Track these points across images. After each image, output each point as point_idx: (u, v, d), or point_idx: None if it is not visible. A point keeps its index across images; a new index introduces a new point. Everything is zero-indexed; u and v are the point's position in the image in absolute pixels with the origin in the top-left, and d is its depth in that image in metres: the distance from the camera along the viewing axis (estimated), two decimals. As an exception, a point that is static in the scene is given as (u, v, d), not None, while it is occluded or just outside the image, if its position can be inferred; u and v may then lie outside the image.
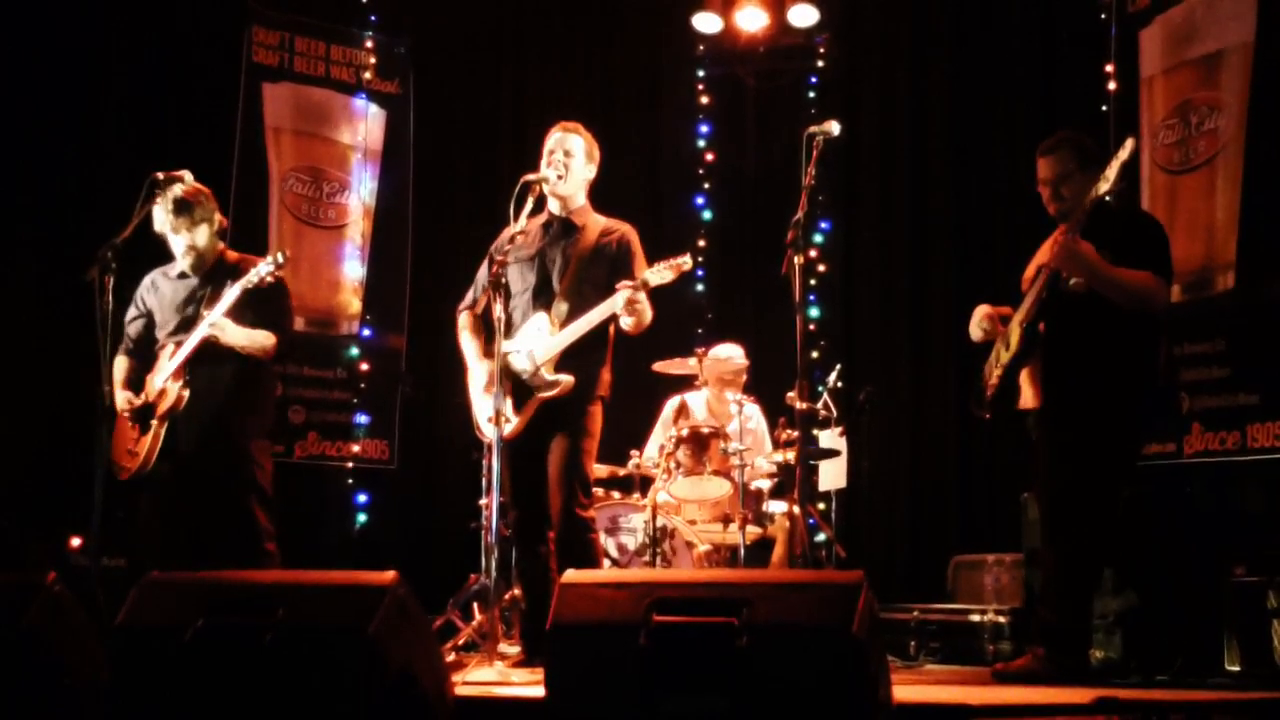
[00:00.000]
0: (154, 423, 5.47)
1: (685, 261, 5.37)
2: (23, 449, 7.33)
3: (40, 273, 7.51)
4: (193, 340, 5.44)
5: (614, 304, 5.23)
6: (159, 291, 5.73)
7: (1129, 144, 4.93)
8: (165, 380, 5.47)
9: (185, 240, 5.60)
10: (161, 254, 5.74)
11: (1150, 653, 5.42)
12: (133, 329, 5.74)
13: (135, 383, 5.62)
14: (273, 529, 5.55)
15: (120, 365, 5.68)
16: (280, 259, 5.49)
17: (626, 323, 5.32)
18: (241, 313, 5.48)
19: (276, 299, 5.63)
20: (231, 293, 5.43)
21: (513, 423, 5.27)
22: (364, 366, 8.92)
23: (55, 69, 7.79)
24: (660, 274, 5.33)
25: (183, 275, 5.68)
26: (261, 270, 5.44)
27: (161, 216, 5.56)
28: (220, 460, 5.50)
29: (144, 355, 5.69)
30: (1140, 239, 5.07)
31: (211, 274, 5.63)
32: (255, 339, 5.52)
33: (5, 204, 7.58)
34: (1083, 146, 5.29)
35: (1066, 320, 5.07)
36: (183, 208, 5.55)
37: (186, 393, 5.45)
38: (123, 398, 5.56)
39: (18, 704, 3.66)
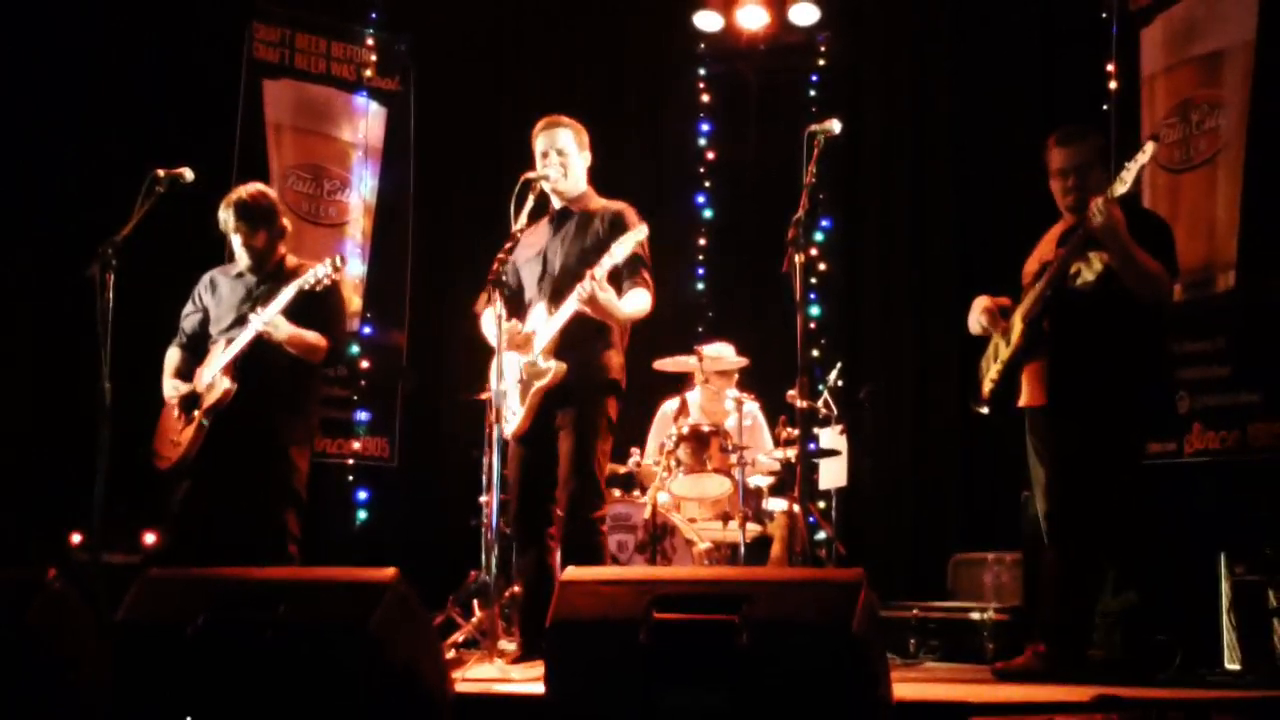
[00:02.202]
0: (198, 414, 5.49)
1: (640, 230, 5.21)
2: (24, 445, 7.32)
3: (41, 269, 7.50)
4: (245, 336, 5.47)
5: (574, 300, 5.12)
6: (217, 290, 5.78)
7: (1149, 147, 4.92)
8: (214, 374, 5.50)
9: (244, 242, 5.65)
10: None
11: (1150, 651, 5.42)
12: (188, 324, 5.80)
13: (185, 375, 5.67)
14: (298, 533, 5.56)
15: (172, 356, 5.76)
16: (338, 262, 5.53)
17: (601, 316, 5.21)
18: (295, 315, 5.51)
19: (330, 303, 5.67)
20: (287, 292, 5.46)
21: (518, 414, 5.25)
22: (364, 364, 8.91)
23: (55, 66, 7.78)
24: (621, 249, 5.15)
25: (240, 275, 5.74)
26: (319, 273, 5.47)
27: (224, 217, 5.64)
28: (261, 461, 5.53)
29: (197, 350, 5.73)
30: (1150, 236, 5.06)
31: (270, 276, 5.68)
32: (307, 339, 5.54)
33: (5, 202, 7.58)
34: (1099, 141, 5.31)
35: (1071, 317, 5.06)
36: (244, 210, 5.63)
37: (235, 388, 5.47)
38: (170, 385, 5.63)
39: (19, 701, 3.67)
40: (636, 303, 5.30)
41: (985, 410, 5.40)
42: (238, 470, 5.49)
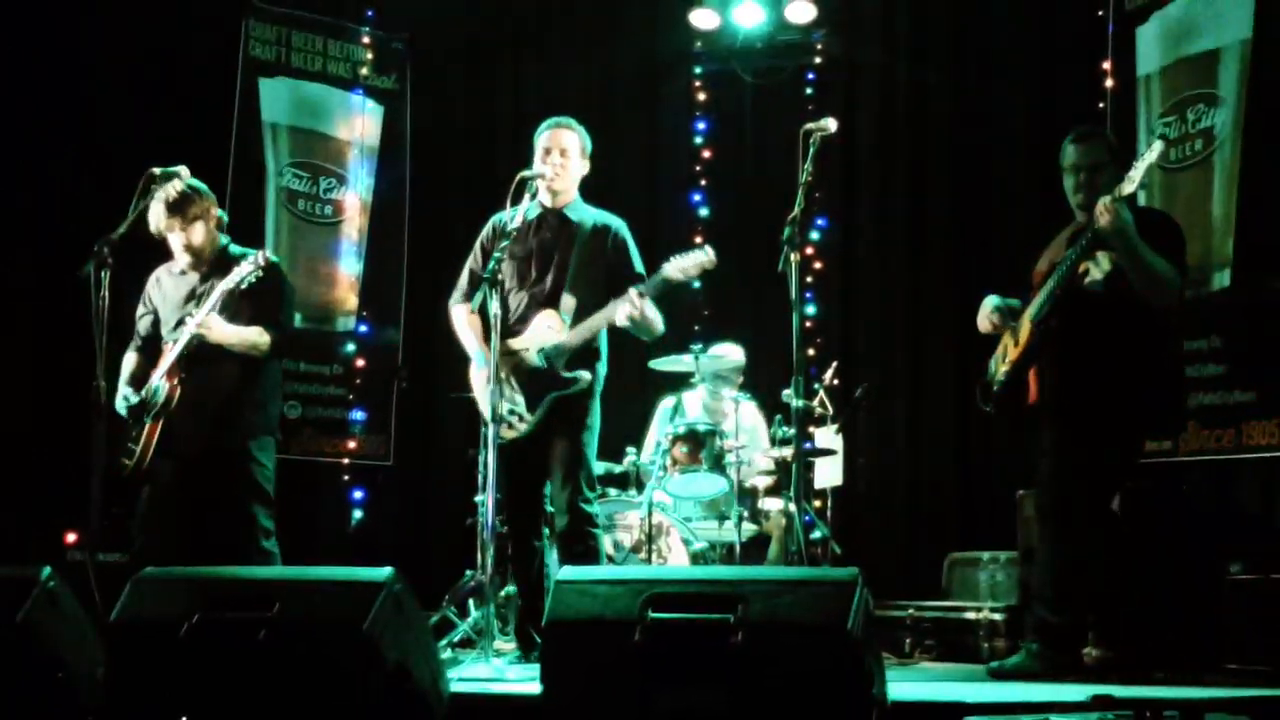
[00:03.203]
0: (147, 420, 5.45)
1: (707, 257, 5.35)
2: (19, 444, 7.32)
3: (37, 268, 7.50)
4: (183, 339, 5.41)
5: (612, 314, 5.25)
6: (162, 288, 5.71)
7: (1157, 145, 4.95)
8: (159, 378, 5.46)
9: (181, 239, 5.56)
10: (158, 248, 5.73)
11: (1146, 650, 5.42)
12: (141, 326, 5.74)
13: (142, 379, 5.62)
14: (271, 528, 5.52)
15: (129, 362, 5.69)
16: (262, 260, 5.43)
17: (639, 332, 5.35)
18: (237, 309, 5.46)
19: (272, 295, 5.57)
20: (215, 293, 5.41)
21: (528, 421, 5.28)
22: (360, 362, 8.91)
23: (52, 65, 7.77)
24: (678, 271, 5.32)
25: (184, 272, 5.67)
26: (242, 271, 5.39)
27: (156, 216, 5.52)
28: (219, 458, 5.48)
29: (153, 352, 5.67)
30: (1160, 234, 5.06)
31: (212, 270, 5.60)
32: (245, 336, 5.47)
33: (1, 201, 7.57)
34: (1111, 140, 5.33)
35: (1079, 317, 5.06)
36: (175, 208, 5.51)
37: (179, 391, 5.42)
38: (120, 396, 5.54)
39: (14, 698, 3.67)
40: (659, 319, 5.44)
41: (993, 410, 5.40)
42: (193, 471, 5.45)
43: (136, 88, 8.04)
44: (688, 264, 5.33)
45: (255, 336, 5.50)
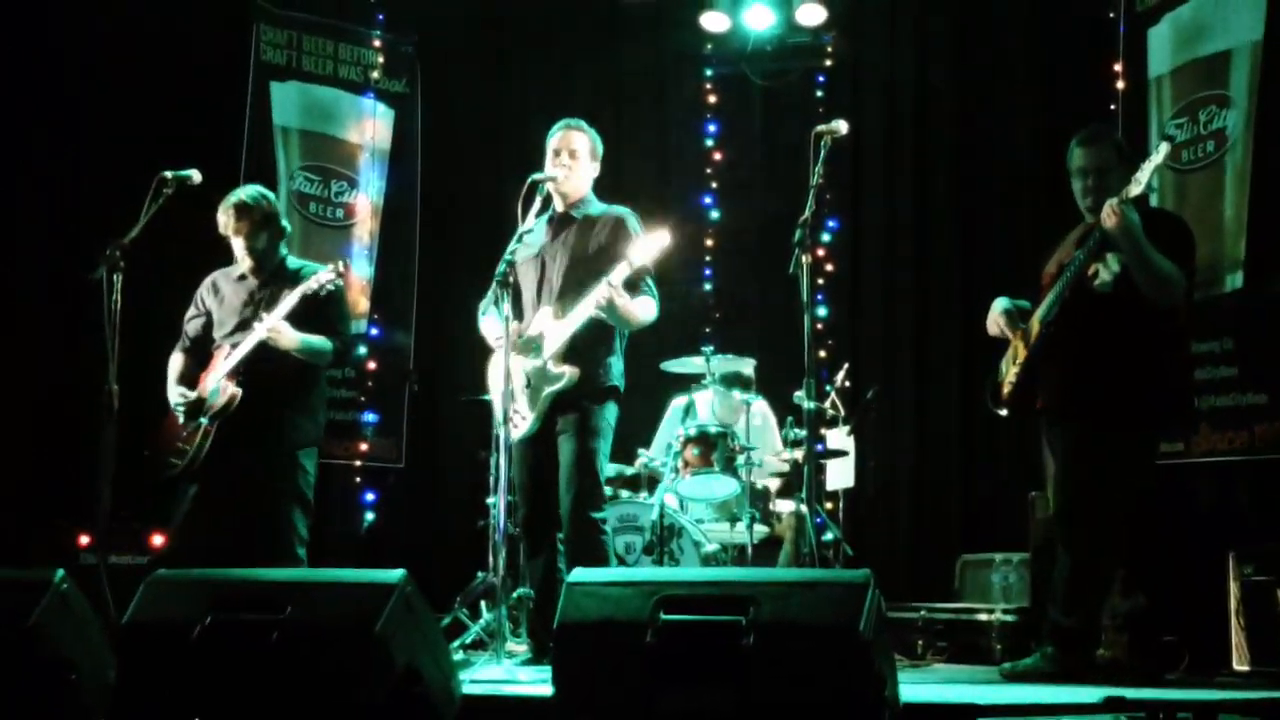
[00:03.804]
0: (204, 421, 5.51)
1: (664, 238, 5.32)
2: (32, 447, 7.33)
3: (49, 272, 7.52)
4: (250, 342, 5.49)
5: (590, 305, 5.22)
6: (219, 293, 5.80)
7: (1164, 147, 4.94)
8: (219, 380, 5.51)
9: (245, 244, 5.66)
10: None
11: (1158, 652, 5.41)
12: (191, 328, 5.82)
13: (189, 380, 5.69)
14: (306, 536, 5.58)
15: (176, 362, 5.77)
16: (340, 268, 5.58)
17: (616, 322, 5.31)
18: (299, 318, 5.52)
19: (333, 305, 5.70)
20: (291, 298, 5.49)
21: (529, 419, 5.28)
22: (372, 365, 8.90)
23: (61, 68, 7.79)
24: (639, 256, 5.26)
25: (242, 278, 5.74)
26: (322, 279, 5.51)
27: (223, 219, 5.65)
28: (267, 464, 5.55)
29: (200, 354, 5.75)
30: (1166, 235, 5.05)
31: (271, 278, 5.69)
32: (312, 344, 5.56)
33: (13, 203, 7.59)
34: (1120, 141, 5.32)
35: (1088, 319, 5.06)
36: (244, 212, 5.65)
37: (239, 393, 5.49)
38: (176, 393, 5.64)
39: (25, 700, 3.67)
40: (647, 309, 5.38)
41: (1005, 412, 5.40)
42: (244, 474, 5.50)
43: (148, 91, 8.05)
44: (648, 247, 5.30)
45: (320, 344, 5.57)
